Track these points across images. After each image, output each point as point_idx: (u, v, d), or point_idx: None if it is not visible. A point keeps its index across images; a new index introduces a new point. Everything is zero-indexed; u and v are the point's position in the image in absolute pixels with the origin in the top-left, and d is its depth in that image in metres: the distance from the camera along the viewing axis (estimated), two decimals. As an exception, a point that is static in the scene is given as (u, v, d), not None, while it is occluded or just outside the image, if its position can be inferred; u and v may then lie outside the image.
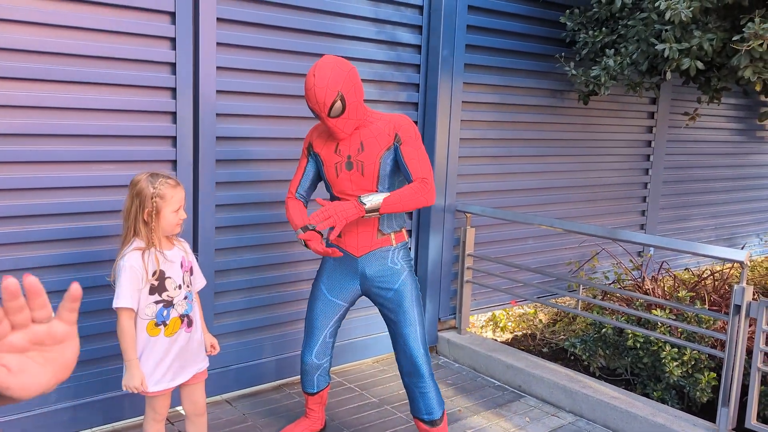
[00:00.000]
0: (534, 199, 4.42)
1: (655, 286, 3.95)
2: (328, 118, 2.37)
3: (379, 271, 2.55)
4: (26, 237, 2.62)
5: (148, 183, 2.16)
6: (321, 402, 2.85)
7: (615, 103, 4.75)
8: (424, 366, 2.50)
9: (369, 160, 2.46)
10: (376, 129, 2.48)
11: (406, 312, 2.51)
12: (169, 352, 2.24)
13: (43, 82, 2.59)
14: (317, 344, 2.66)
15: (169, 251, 2.25)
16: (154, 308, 2.20)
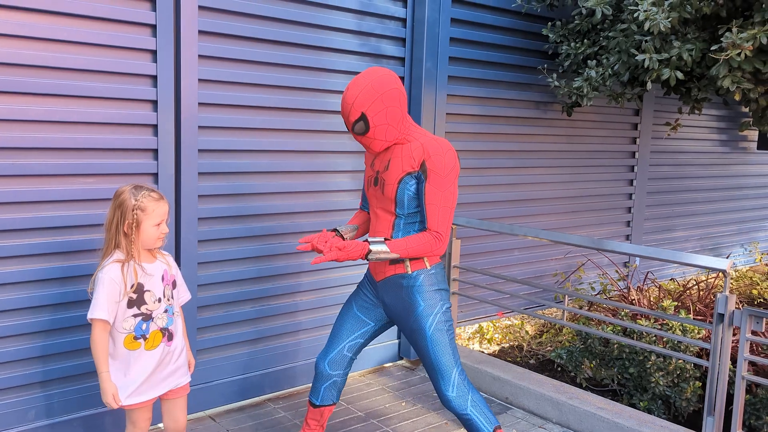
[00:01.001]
0: (519, 211, 4.42)
1: (641, 296, 3.96)
2: (353, 134, 2.34)
3: (396, 301, 2.42)
4: (6, 252, 2.58)
5: (130, 195, 2.15)
6: (320, 422, 2.70)
7: (598, 114, 4.78)
8: (456, 404, 2.39)
9: (390, 180, 2.36)
10: (407, 150, 2.35)
11: (423, 351, 2.39)
12: (148, 365, 2.21)
13: (22, 95, 2.57)
14: (333, 353, 2.58)
15: (150, 264, 2.23)
16: (132, 322, 2.17)
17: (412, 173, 2.32)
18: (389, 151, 2.40)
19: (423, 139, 2.34)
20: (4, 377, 2.64)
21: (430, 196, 2.29)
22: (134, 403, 2.21)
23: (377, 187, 2.42)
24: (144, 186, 2.20)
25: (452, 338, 2.41)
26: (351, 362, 2.61)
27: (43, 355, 2.73)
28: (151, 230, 2.18)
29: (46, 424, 2.74)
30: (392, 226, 2.40)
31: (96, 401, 2.87)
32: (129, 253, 2.17)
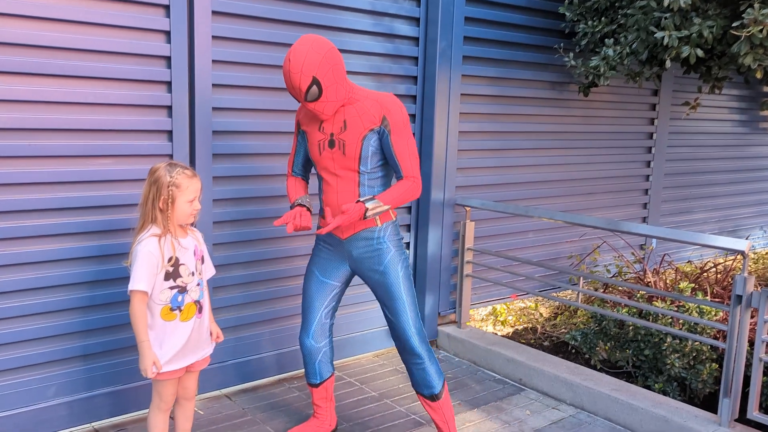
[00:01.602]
0: (534, 192, 4.39)
1: (657, 278, 3.93)
2: (306, 103, 2.36)
3: (365, 252, 2.53)
4: (23, 232, 2.61)
5: (165, 172, 2.21)
6: (327, 397, 2.79)
7: (616, 94, 4.72)
8: (417, 344, 2.50)
9: (351, 140, 2.43)
10: (362, 108, 2.44)
11: (395, 292, 2.50)
12: (182, 336, 2.28)
13: (37, 76, 2.58)
14: (313, 325, 2.66)
15: (183, 239, 2.30)
16: (168, 294, 2.24)
17: (374, 129, 2.43)
18: (339, 112, 2.45)
19: (372, 95, 2.45)
20: (28, 354, 2.68)
21: (398, 146, 2.43)
22: (169, 370, 2.27)
23: (334, 149, 2.46)
24: (178, 163, 2.26)
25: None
26: (332, 327, 2.73)
27: (67, 333, 2.77)
28: (185, 206, 2.23)
29: (66, 401, 2.78)
30: (357, 184, 2.48)
31: (119, 378, 2.91)
32: (165, 227, 2.23)
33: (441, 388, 2.54)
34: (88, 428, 2.84)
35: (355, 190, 2.50)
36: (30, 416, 2.70)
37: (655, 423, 2.91)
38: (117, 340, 2.90)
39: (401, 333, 2.51)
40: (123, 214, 2.85)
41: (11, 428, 2.66)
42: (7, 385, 2.66)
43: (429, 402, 2.55)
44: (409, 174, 2.46)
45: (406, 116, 2.45)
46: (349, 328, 3.68)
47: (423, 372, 2.52)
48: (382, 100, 2.44)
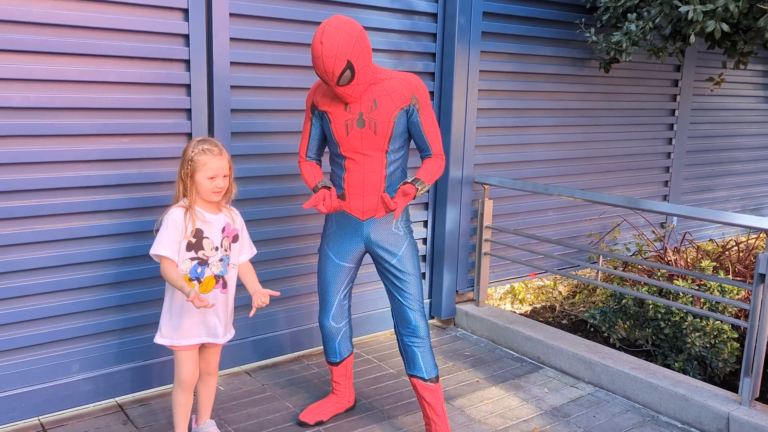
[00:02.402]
0: (553, 170, 4.35)
1: (678, 257, 3.89)
2: (337, 87, 2.33)
3: (384, 236, 2.55)
4: (47, 210, 2.64)
5: (191, 146, 2.27)
6: (346, 374, 2.82)
7: (637, 70, 4.64)
8: (423, 328, 2.54)
9: (383, 118, 2.42)
10: (390, 87, 2.43)
11: (409, 278, 2.53)
12: (200, 309, 2.31)
13: (58, 55, 2.59)
14: (333, 308, 2.68)
15: (212, 215, 2.33)
16: (189, 264, 2.28)
17: (404, 108, 2.45)
18: (367, 91, 2.43)
19: (397, 74, 2.47)
20: (53, 330, 2.73)
21: (427, 125, 2.49)
22: (186, 344, 2.32)
23: (364, 128, 2.44)
24: (208, 140, 2.30)
25: None
26: (350, 308, 2.75)
27: (91, 309, 2.81)
28: (205, 182, 2.26)
29: (90, 376, 2.83)
30: (384, 164, 2.50)
31: (145, 353, 2.95)
32: (191, 200, 2.28)
33: (437, 374, 2.57)
34: (111, 403, 2.90)
35: (382, 170, 2.49)
36: (55, 391, 2.76)
37: (675, 401, 2.90)
38: (140, 316, 2.94)
39: (409, 315, 2.53)
40: (145, 192, 2.87)
41: (38, 402, 2.72)
42: (33, 360, 2.71)
43: (427, 386, 2.54)
44: (437, 152, 2.52)
45: (429, 96, 2.48)
46: (367, 306, 3.70)
47: (424, 354, 2.54)
48: (409, 79, 2.46)
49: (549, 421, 2.87)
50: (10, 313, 2.63)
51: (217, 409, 2.87)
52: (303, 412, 2.80)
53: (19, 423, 2.71)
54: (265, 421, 2.79)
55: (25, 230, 2.62)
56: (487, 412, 2.93)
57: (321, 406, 2.82)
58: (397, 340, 2.62)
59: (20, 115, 2.55)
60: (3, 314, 2.61)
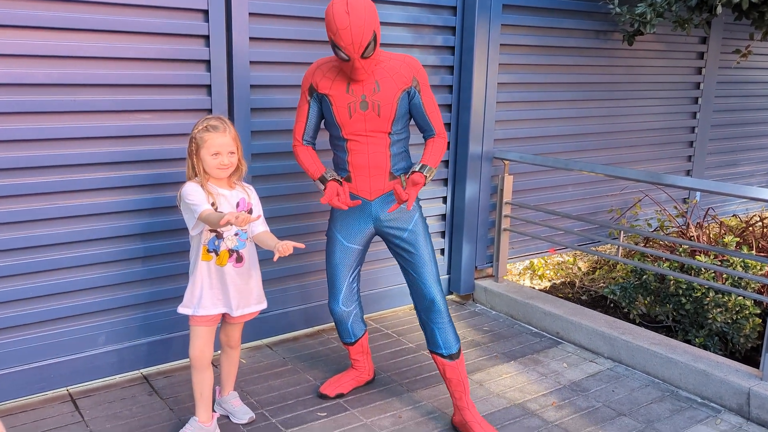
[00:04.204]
0: (574, 145, 4.31)
1: (701, 232, 3.85)
2: (359, 59, 2.30)
3: (393, 214, 2.55)
4: (70, 186, 2.68)
5: (197, 124, 2.31)
6: (363, 351, 2.85)
7: (661, 43, 4.55)
8: (441, 302, 2.51)
9: (386, 101, 2.41)
10: (391, 69, 2.42)
11: (421, 251, 2.53)
12: (217, 279, 2.37)
13: (78, 31, 2.60)
14: (342, 292, 2.68)
15: (225, 190, 2.36)
16: (207, 235, 2.33)
17: (405, 89, 2.45)
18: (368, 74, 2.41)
19: (396, 56, 2.46)
20: (80, 303, 2.79)
21: (429, 105, 2.51)
22: (203, 314, 2.37)
23: (367, 111, 2.42)
24: (214, 117, 2.33)
25: None
26: (359, 290, 2.75)
27: (116, 283, 2.86)
28: (208, 159, 2.29)
29: (114, 349, 2.90)
30: (388, 146, 2.50)
31: (169, 326, 3.01)
32: (202, 177, 2.32)
33: (458, 350, 2.53)
34: (136, 375, 2.96)
35: (386, 152, 2.50)
36: (82, 362, 2.83)
37: (695, 377, 2.89)
38: (164, 290, 2.99)
39: (426, 291, 2.51)
40: (167, 168, 2.90)
41: (65, 374, 2.79)
42: (61, 332, 2.77)
43: (447, 362, 2.52)
44: (440, 132, 2.54)
45: (427, 76, 2.52)
46: (385, 281, 3.72)
47: (444, 331, 2.52)
48: (409, 60, 2.46)
49: (567, 396, 2.88)
50: (38, 286, 2.69)
51: (240, 381, 2.92)
52: (324, 384, 2.84)
53: (48, 393, 2.78)
54: (287, 393, 2.84)
55: (49, 205, 2.66)
56: (505, 386, 2.95)
57: (341, 378, 2.86)
58: (417, 317, 2.62)
59: (43, 91, 2.58)
60: (31, 288, 2.67)
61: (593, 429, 2.62)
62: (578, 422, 2.67)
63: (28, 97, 2.55)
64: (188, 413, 2.65)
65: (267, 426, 2.59)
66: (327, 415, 2.68)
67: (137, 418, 2.62)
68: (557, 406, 2.80)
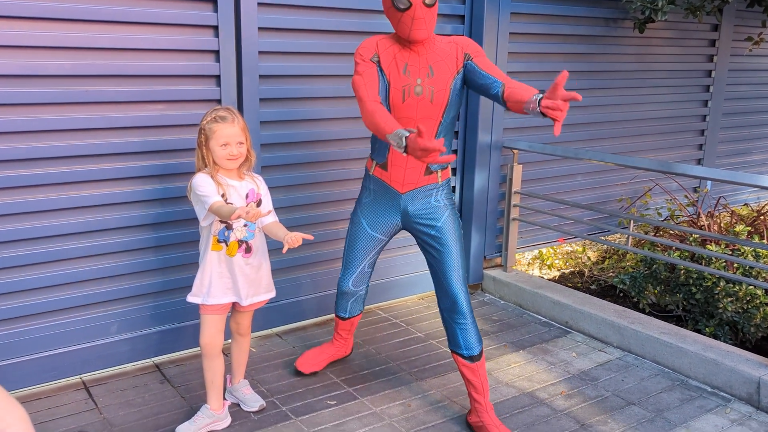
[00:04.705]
0: (584, 134, 4.29)
1: (711, 222, 3.83)
2: (423, 6, 2.20)
3: (423, 209, 2.50)
4: (82, 177, 2.70)
5: (206, 115, 2.32)
6: (351, 330, 2.92)
7: (673, 30, 4.51)
8: (464, 303, 2.46)
9: (439, 86, 2.34)
10: (443, 52, 2.35)
11: (449, 249, 2.46)
12: (226, 269, 2.39)
13: (89, 22, 2.62)
14: (355, 274, 2.70)
15: (234, 181, 2.37)
16: (217, 226, 2.35)
17: (458, 72, 2.37)
18: (423, 55, 2.34)
19: (444, 38, 2.39)
20: (92, 293, 2.82)
21: (486, 63, 2.36)
22: (212, 303, 2.39)
23: (421, 96, 2.34)
24: (222, 108, 2.33)
25: None
26: (370, 275, 2.76)
27: (128, 272, 2.89)
28: (218, 149, 2.30)
29: (126, 338, 2.93)
30: (435, 134, 2.42)
31: (180, 315, 3.04)
32: (211, 168, 2.33)
33: (479, 352, 2.48)
34: (148, 363, 3.00)
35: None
36: (94, 351, 2.86)
37: (705, 366, 2.89)
38: (175, 279, 3.01)
39: (450, 291, 2.46)
40: (177, 158, 2.91)
41: (78, 362, 2.83)
42: (74, 321, 2.81)
43: (467, 363, 2.49)
44: (505, 78, 2.30)
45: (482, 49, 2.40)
46: (395, 270, 3.73)
47: (466, 332, 2.47)
48: (458, 39, 2.38)
49: (576, 385, 2.89)
50: (51, 276, 2.72)
51: (250, 370, 2.95)
52: (299, 359, 2.90)
53: (62, 381, 2.82)
54: (296, 382, 2.86)
55: (61, 196, 2.68)
56: (514, 375, 2.96)
57: (318, 356, 2.91)
58: (440, 316, 2.59)
59: (54, 82, 2.59)
60: (45, 277, 2.70)
61: (603, 418, 2.63)
62: (587, 411, 2.68)
63: (39, 88, 2.56)
64: (199, 401, 2.68)
65: (277, 414, 2.61)
66: (336, 403, 2.70)
67: (149, 406, 2.65)
68: (566, 395, 2.80)
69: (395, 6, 2.24)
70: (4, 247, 2.61)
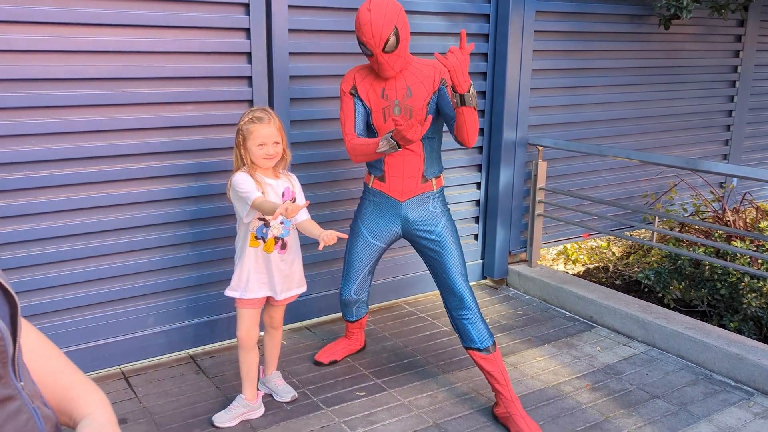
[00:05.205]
0: (609, 131, 4.31)
1: (737, 217, 3.84)
2: (382, 54, 2.40)
3: (422, 216, 2.63)
4: (119, 175, 2.81)
5: (243, 116, 2.41)
6: (361, 327, 3.07)
7: (698, 26, 4.51)
8: (470, 298, 2.57)
9: (417, 105, 2.51)
10: (420, 73, 2.52)
11: (449, 250, 2.60)
12: (263, 265, 2.49)
13: (126, 27, 2.72)
14: (356, 282, 2.80)
15: (271, 180, 2.46)
16: (256, 223, 2.45)
17: (435, 92, 2.53)
18: (400, 78, 2.51)
19: (423, 61, 2.55)
20: (131, 287, 2.93)
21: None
22: (249, 297, 2.49)
23: (400, 115, 2.52)
24: (259, 109, 2.42)
25: None
26: (371, 281, 2.89)
27: (165, 267, 3.00)
28: (255, 149, 2.39)
29: (163, 330, 3.04)
30: (422, 149, 2.58)
31: (214, 308, 3.14)
32: (249, 167, 2.42)
33: (493, 342, 2.57)
34: (183, 354, 3.11)
35: (420, 153, 2.59)
36: (133, 343, 2.97)
37: (729, 360, 2.92)
38: (209, 274, 3.12)
39: (456, 289, 2.57)
40: (209, 158, 3.01)
41: (118, 353, 2.95)
42: (114, 314, 2.92)
43: (483, 356, 2.56)
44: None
45: None
46: (420, 266, 3.80)
47: (476, 325, 2.56)
48: (436, 64, 2.55)
49: (601, 379, 2.94)
50: (92, 270, 2.83)
51: (282, 362, 3.04)
52: (318, 353, 3.05)
53: (103, 371, 2.94)
54: (326, 373, 2.95)
55: (102, 194, 2.80)
56: (539, 369, 3.02)
57: (335, 347, 3.06)
58: (448, 317, 2.68)
59: (94, 85, 2.70)
60: (87, 272, 2.82)
61: (627, 411, 2.68)
62: (612, 404, 2.73)
63: (81, 91, 2.67)
64: (233, 391, 2.78)
65: (309, 404, 2.70)
66: (366, 394, 2.78)
67: (186, 396, 2.76)
68: (591, 388, 2.86)
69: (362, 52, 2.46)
70: (49, 243, 2.73)
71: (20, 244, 2.68)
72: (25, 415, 0.72)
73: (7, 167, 2.60)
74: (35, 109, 2.61)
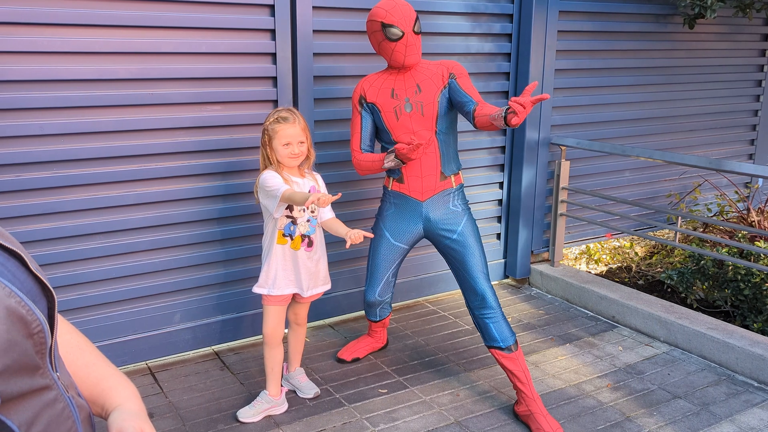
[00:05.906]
0: (632, 130, 4.30)
1: (762, 218, 3.80)
2: (413, 33, 2.47)
3: (443, 215, 2.66)
4: (147, 174, 2.87)
5: (269, 116, 2.47)
6: (384, 326, 3.11)
7: (724, 25, 4.46)
8: (492, 297, 2.59)
9: (428, 100, 2.56)
10: (428, 71, 2.59)
11: (471, 250, 2.62)
12: (290, 262, 2.54)
13: (154, 28, 2.78)
14: (380, 284, 2.82)
15: (299, 179, 2.52)
16: (284, 221, 2.50)
17: (444, 87, 2.58)
18: (409, 77, 2.58)
19: (431, 62, 2.65)
20: (158, 284, 3.00)
21: (466, 84, 2.59)
22: (276, 294, 2.54)
23: (412, 112, 2.57)
24: (284, 109, 2.47)
25: None
26: (395, 283, 2.92)
27: (190, 265, 3.06)
28: (280, 149, 2.44)
29: (189, 327, 3.10)
30: (438, 144, 2.62)
31: (238, 306, 3.20)
32: (275, 166, 2.47)
33: (515, 341, 2.59)
34: (208, 351, 3.16)
35: (436, 150, 2.61)
36: (159, 339, 3.04)
37: (752, 361, 2.90)
38: (234, 272, 3.17)
39: (478, 288, 2.59)
40: (235, 157, 3.06)
41: (145, 348, 3.01)
42: (140, 310, 2.99)
43: (506, 354, 2.57)
44: (480, 99, 2.54)
45: (467, 72, 2.62)
46: (442, 264, 3.82)
47: (498, 324, 2.58)
48: (445, 62, 2.62)
49: (622, 378, 2.94)
50: (120, 267, 2.90)
51: (305, 359, 3.08)
52: (341, 350, 3.09)
53: (130, 366, 3.01)
54: (349, 371, 2.98)
55: (130, 192, 2.86)
56: (561, 368, 3.02)
57: (357, 345, 3.11)
58: (471, 316, 2.71)
59: (123, 86, 2.76)
60: (115, 269, 2.89)
61: (648, 411, 2.68)
62: (633, 404, 2.73)
63: (110, 91, 2.74)
64: (257, 387, 2.83)
65: (331, 401, 2.74)
66: (388, 391, 2.81)
67: (211, 391, 2.81)
68: (612, 387, 2.86)
69: (389, 38, 2.49)
70: (79, 240, 2.81)
71: (50, 242, 2.76)
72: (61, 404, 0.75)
73: (38, 166, 2.67)
74: (66, 110, 2.68)
